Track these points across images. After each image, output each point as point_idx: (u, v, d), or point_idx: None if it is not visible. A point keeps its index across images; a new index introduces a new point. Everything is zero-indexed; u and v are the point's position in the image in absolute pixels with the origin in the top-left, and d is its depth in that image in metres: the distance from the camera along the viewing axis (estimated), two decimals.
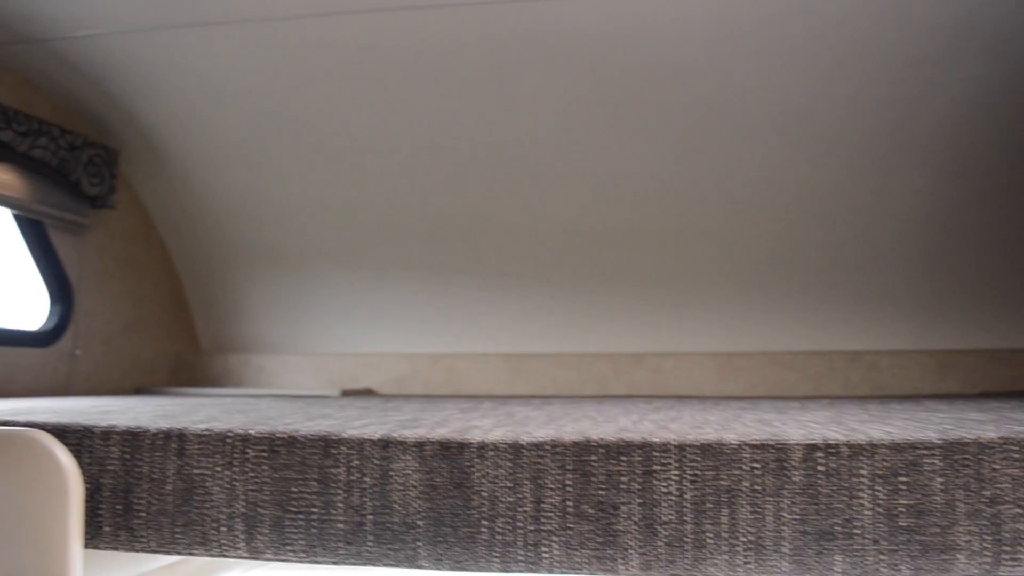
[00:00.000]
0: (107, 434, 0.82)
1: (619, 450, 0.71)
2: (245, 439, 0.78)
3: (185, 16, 1.77)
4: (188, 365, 2.55)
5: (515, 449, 0.72)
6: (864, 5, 1.67)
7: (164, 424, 0.84)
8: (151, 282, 2.39)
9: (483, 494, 0.72)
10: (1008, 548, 0.68)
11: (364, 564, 0.75)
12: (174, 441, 0.80)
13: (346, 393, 2.22)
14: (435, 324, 2.43)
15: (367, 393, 2.35)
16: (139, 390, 2.30)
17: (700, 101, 1.96)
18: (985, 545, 0.68)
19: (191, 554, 0.80)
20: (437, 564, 0.73)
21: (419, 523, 0.73)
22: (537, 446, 0.72)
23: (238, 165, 2.24)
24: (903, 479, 0.69)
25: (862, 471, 0.69)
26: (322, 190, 2.27)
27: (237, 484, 0.77)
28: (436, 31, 1.80)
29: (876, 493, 0.69)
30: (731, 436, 0.71)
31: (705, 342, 2.35)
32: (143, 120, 2.13)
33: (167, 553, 0.81)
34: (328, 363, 2.49)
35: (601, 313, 2.36)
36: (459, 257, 2.36)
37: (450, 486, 0.73)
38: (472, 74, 1.92)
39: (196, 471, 0.79)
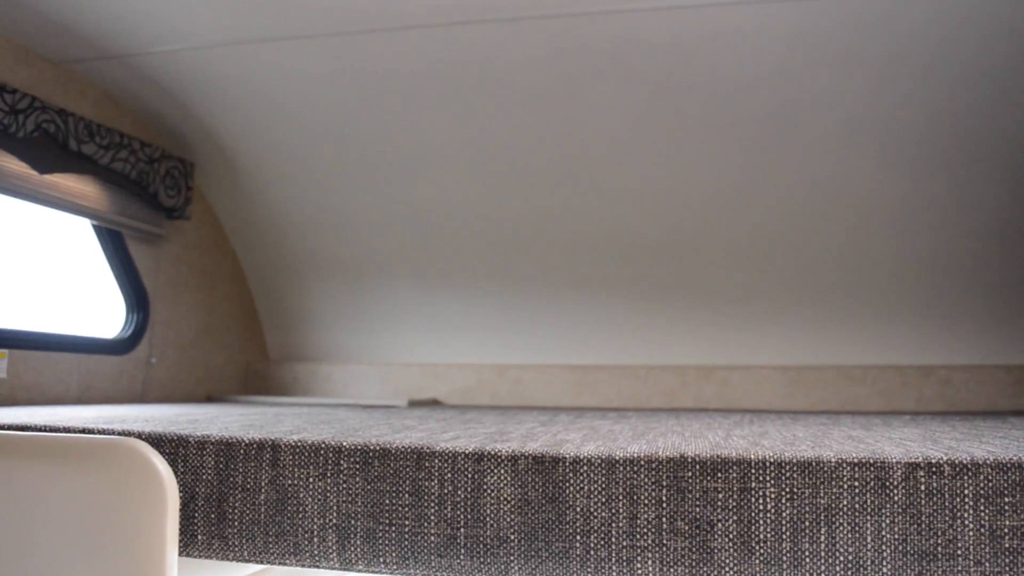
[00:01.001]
0: (202, 444, 0.84)
1: (715, 466, 0.71)
2: (339, 451, 0.79)
3: (258, 32, 1.80)
4: (257, 374, 2.59)
5: (609, 464, 0.72)
6: (944, 15, 1.65)
7: (257, 435, 0.85)
8: (223, 292, 2.44)
9: (577, 509, 0.72)
10: None
11: None
12: (268, 451, 0.81)
13: (413, 403, 2.24)
14: (501, 335, 2.44)
15: (433, 403, 2.36)
16: (210, 398, 2.34)
17: (769, 112, 1.94)
18: None
19: (283, 564, 0.81)
20: None
21: (512, 537, 0.73)
22: (632, 461, 0.72)
23: (308, 178, 2.28)
24: (1008, 499, 0.67)
25: (965, 491, 0.68)
26: (389, 202, 2.30)
27: (330, 495, 0.78)
28: (504, 45, 1.81)
29: (980, 513, 0.67)
30: (829, 453, 0.70)
31: (774, 356, 2.32)
32: (218, 133, 2.17)
33: (259, 562, 0.82)
34: (394, 373, 2.51)
35: (669, 326, 2.34)
36: (526, 269, 2.37)
37: (543, 500, 0.73)
38: (540, 87, 1.93)
39: (289, 482, 0.80)
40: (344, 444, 0.79)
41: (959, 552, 0.67)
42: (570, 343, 2.40)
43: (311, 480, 0.79)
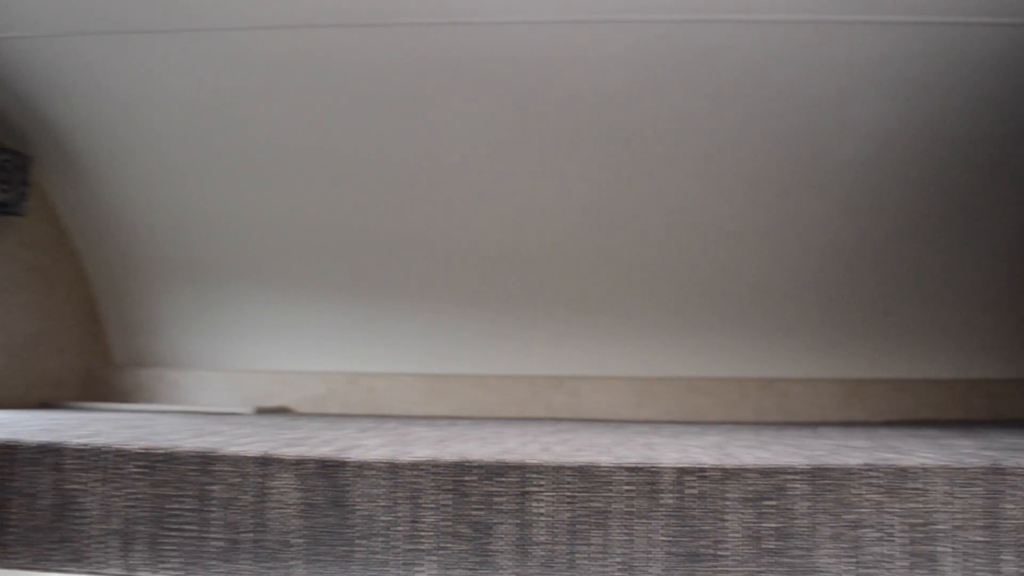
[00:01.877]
0: None
1: (496, 471, 0.72)
2: (123, 454, 0.77)
3: (104, 24, 1.75)
4: (99, 379, 2.49)
5: (393, 468, 0.73)
6: (779, 47, 1.72)
7: (43, 438, 0.82)
8: (62, 293, 2.34)
9: (360, 513, 0.72)
10: (868, 571, 0.70)
11: None
12: (50, 455, 0.78)
13: (261, 411, 2.19)
14: (354, 343, 2.42)
15: (282, 411, 2.32)
16: (44, 404, 2.24)
17: (624, 132, 1.99)
18: (847, 568, 0.70)
19: (64, 571, 0.78)
20: None
21: (295, 541, 0.73)
22: (415, 466, 0.73)
23: (155, 178, 2.21)
24: (769, 503, 0.71)
25: (730, 494, 0.71)
26: (240, 205, 2.25)
27: (114, 500, 0.76)
28: (359, 50, 1.80)
29: (743, 516, 0.71)
30: (605, 459, 0.72)
31: (623, 367, 2.38)
32: (58, 127, 2.09)
33: (41, 570, 0.79)
34: (244, 380, 2.46)
35: (521, 336, 2.37)
36: (380, 277, 2.36)
37: (328, 504, 0.73)
38: (395, 94, 1.93)
39: (71, 486, 0.77)
40: (128, 448, 0.77)
41: (723, 552, 0.70)
42: (423, 352, 2.40)
43: (94, 484, 0.77)
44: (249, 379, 2.45)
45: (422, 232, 2.26)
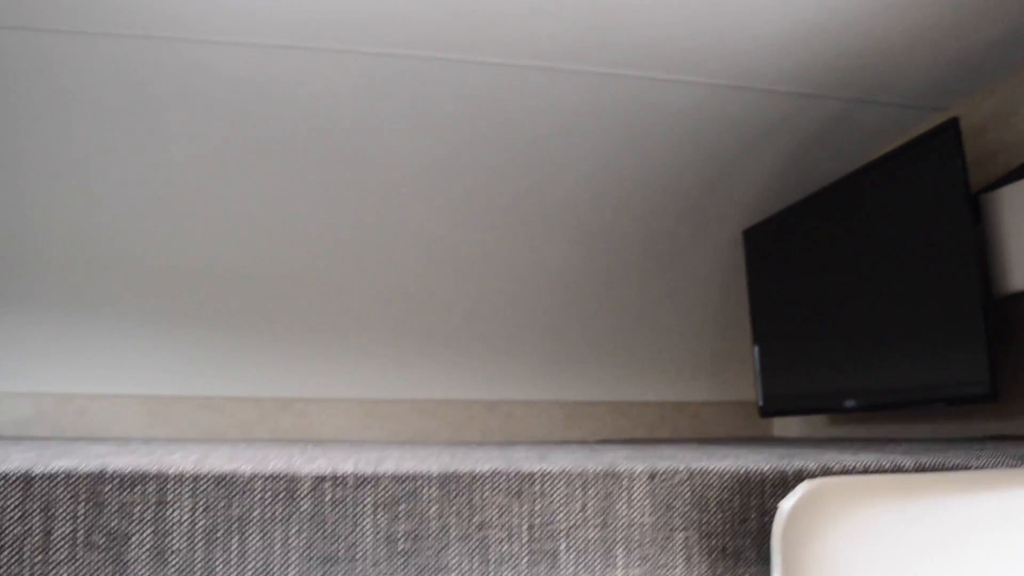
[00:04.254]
0: None
1: (133, 480, 0.72)
2: None
3: None
4: None
5: (26, 479, 0.72)
6: (495, 86, 1.83)
7: None
8: None
9: None
10: (495, 568, 0.77)
11: None
12: None
13: None
14: (66, 362, 2.30)
15: None
16: None
17: (349, 156, 2.03)
18: (474, 566, 0.76)
19: None
20: None
21: None
22: (50, 477, 0.72)
23: None
24: (403, 506, 0.76)
25: (366, 500, 0.75)
26: None
27: None
28: (81, 58, 1.74)
29: (378, 520, 0.75)
30: (246, 467, 0.74)
31: (352, 389, 2.40)
32: None
33: None
34: None
35: (246, 357, 2.34)
36: (97, 291, 2.26)
37: None
38: (119, 105, 1.87)
39: None
40: None
41: (359, 555, 0.74)
42: (143, 372, 2.31)
43: None
44: None
45: (142, 247, 2.19)
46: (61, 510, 0.71)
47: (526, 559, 0.78)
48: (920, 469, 0.91)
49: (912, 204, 1.72)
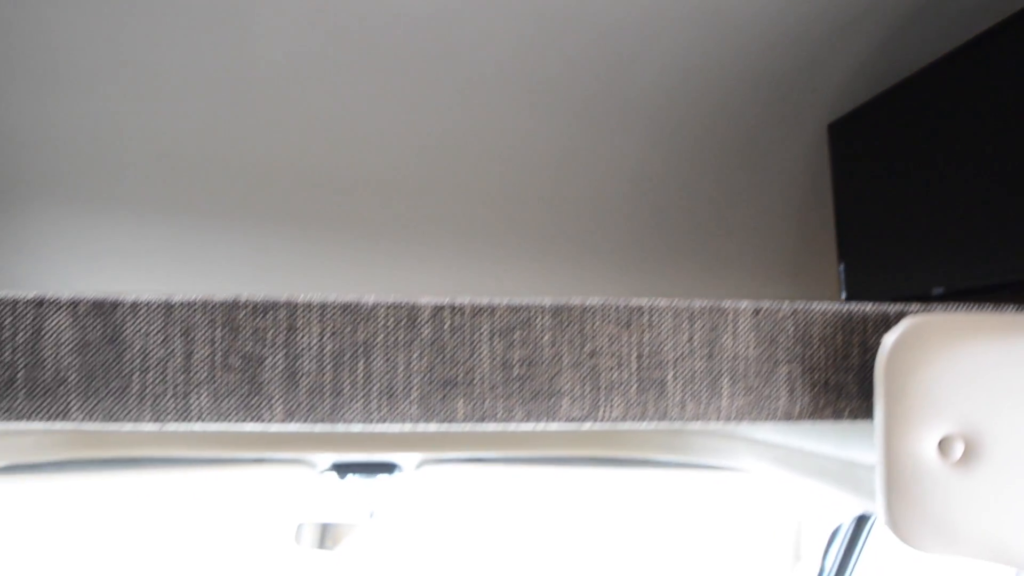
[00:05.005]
0: None
1: (265, 308, 0.77)
2: None
3: None
4: None
5: (167, 307, 0.76)
6: None
7: None
8: None
9: (135, 348, 0.76)
10: (605, 394, 0.80)
11: (16, 419, 0.76)
12: None
13: None
14: (157, 264, 2.39)
15: None
16: None
17: (429, 53, 2.04)
18: (586, 391, 0.80)
19: None
20: (89, 416, 0.76)
21: (71, 377, 0.76)
22: (188, 304, 0.77)
23: None
24: (518, 334, 0.79)
25: (483, 327, 0.79)
26: None
27: None
28: None
29: (494, 347, 0.79)
30: (369, 297, 0.78)
31: (430, 290, 2.45)
32: None
33: None
34: None
35: (329, 260, 2.40)
36: (174, 194, 2.33)
37: (102, 342, 0.76)
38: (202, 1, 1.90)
39: None
40: None
41: (476, 379, 0.78)
42: (225, 276, 2.39)
43: None
44: None
45: (223, 148, 2.24)
46: (200, 335, 0.76)
47: (635, 386, 0.81)
48: None
49: (1016, 84, 1.67)
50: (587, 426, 0.82)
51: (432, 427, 0.80)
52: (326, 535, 2.38)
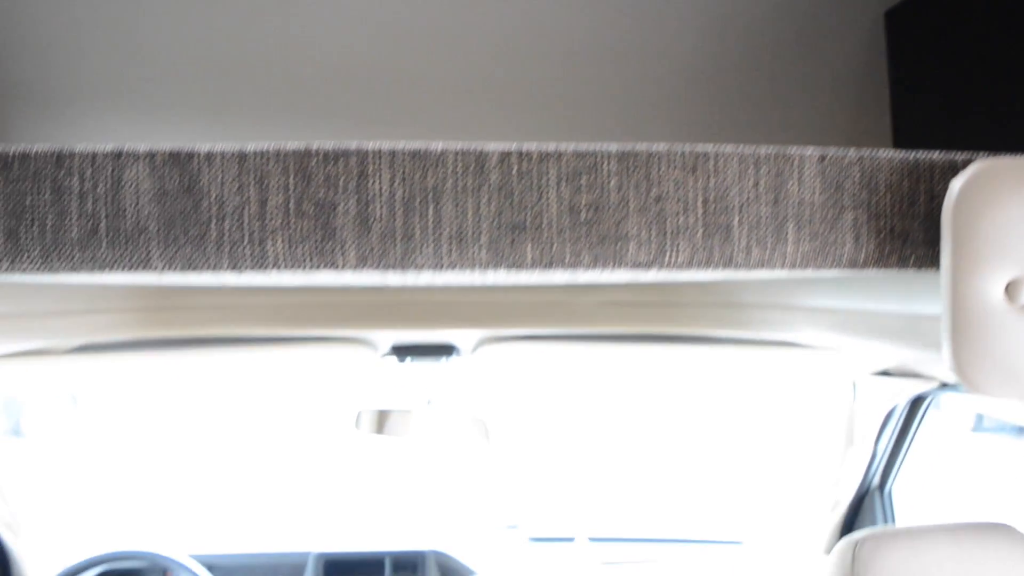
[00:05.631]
0: None
1: (336, 155, 0.78)
2: None
3: None
4: None
5: (241, 156, 0.78)
6: None
7: None
8: None
9: (212, 197, 0.78)
10: (671, 238, 0.81)
11: (99, 270, 0.79)
12: None
13: None
14: None
15: None
16: None
17: None
18: (652, 235, 0.80)
19: None
20: (169, 265, 0.78)
21: (151, 226, 0.78)
22: (261, 153, 0.78)
23: None
24: (584, 179, 0.79)
25: (550, 172, 0.79)
26: None
27: None
28: None
29: (561, 192, 0.79)
30: (437, 144, 0.79)
31: None
32: None
33: None
34: None
35: None
36: (216, 91, 2.33)
37: (180, 191, 0.78)
38: None
39: None
40: None
41: (544, 223, 0.79)
42: None
43: None
44: None
45: (265, 45, 2.23)
46: (273, 182, 0.78)
47: (701, 231, 0.81)
48: None
49: None
50: (652, 273, 0.83)
51: (501, 274, 0.81)
52: (384, 421, 2.45)
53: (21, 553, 2.37)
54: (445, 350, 1.99)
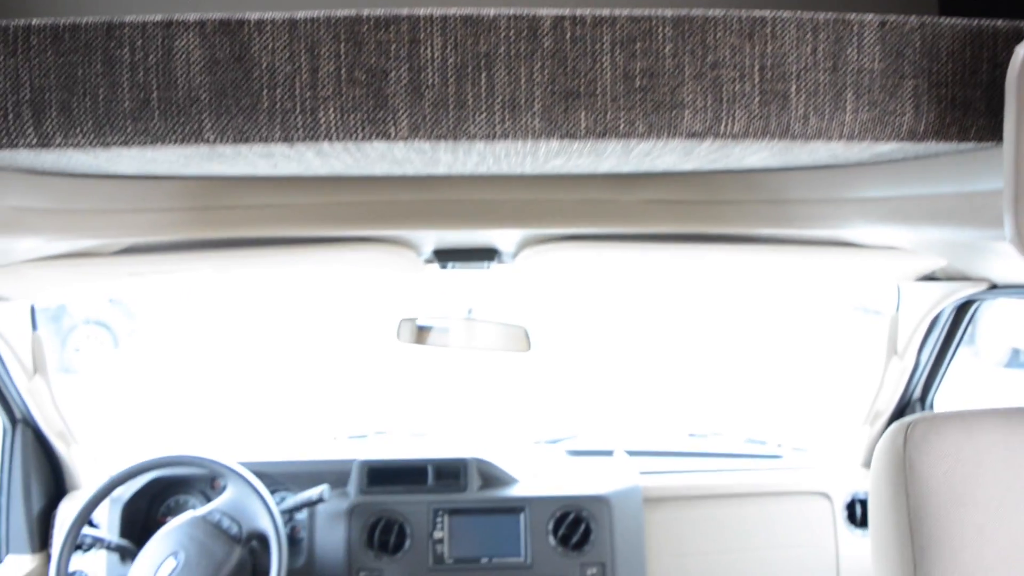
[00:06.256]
0: None
1: (387, 21, 0.77)
2: (28, 29, 0.79)
3: None
4: None
5: (291, 24, 0.77)
6: None
7: None
8: None
9: (262, 66, 0.77)
10: (727, 106, 0.79)
11: (152, 142, 0.79)
12: None
13: None
14: None
15: None
16: None
17: None
18: (708, 103, 0.79)
19: None
20: (221, 136, 0.78)
21: (203, 96, 0.78)
22: (312, 20, 0.77)
23: None
24: (639, 45, 0.78)
25: (604, 38, 0.78)
26: None
27: (22, 72, 0.79)
28: None
29: (616, 58, 0.78)
30: (489, 9, 0.78)
31: None
32: None
33: None
34: None
35: None
36: None
37: (231, 60, 0.78)
38: None
39: None
40: (33, 23, 0.79)
41: (598, 90, 0.78)
42: None
43: (2, 59, 0.79)
44: None
45: None
46: (325, 50, 0.77)
47: (758, 99, 0.79)
48: None
49: None
50: (707, 143, 0.82)
51: (554, 144, 0.80)
52: (425, 331, 2.46)
53: (74, 461, 2.45)
54: (487, 254, 1.98)
